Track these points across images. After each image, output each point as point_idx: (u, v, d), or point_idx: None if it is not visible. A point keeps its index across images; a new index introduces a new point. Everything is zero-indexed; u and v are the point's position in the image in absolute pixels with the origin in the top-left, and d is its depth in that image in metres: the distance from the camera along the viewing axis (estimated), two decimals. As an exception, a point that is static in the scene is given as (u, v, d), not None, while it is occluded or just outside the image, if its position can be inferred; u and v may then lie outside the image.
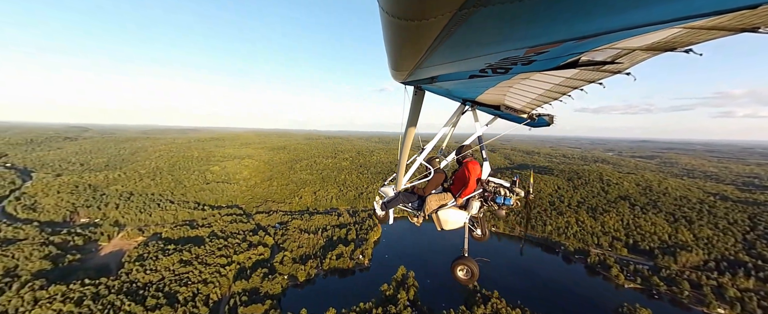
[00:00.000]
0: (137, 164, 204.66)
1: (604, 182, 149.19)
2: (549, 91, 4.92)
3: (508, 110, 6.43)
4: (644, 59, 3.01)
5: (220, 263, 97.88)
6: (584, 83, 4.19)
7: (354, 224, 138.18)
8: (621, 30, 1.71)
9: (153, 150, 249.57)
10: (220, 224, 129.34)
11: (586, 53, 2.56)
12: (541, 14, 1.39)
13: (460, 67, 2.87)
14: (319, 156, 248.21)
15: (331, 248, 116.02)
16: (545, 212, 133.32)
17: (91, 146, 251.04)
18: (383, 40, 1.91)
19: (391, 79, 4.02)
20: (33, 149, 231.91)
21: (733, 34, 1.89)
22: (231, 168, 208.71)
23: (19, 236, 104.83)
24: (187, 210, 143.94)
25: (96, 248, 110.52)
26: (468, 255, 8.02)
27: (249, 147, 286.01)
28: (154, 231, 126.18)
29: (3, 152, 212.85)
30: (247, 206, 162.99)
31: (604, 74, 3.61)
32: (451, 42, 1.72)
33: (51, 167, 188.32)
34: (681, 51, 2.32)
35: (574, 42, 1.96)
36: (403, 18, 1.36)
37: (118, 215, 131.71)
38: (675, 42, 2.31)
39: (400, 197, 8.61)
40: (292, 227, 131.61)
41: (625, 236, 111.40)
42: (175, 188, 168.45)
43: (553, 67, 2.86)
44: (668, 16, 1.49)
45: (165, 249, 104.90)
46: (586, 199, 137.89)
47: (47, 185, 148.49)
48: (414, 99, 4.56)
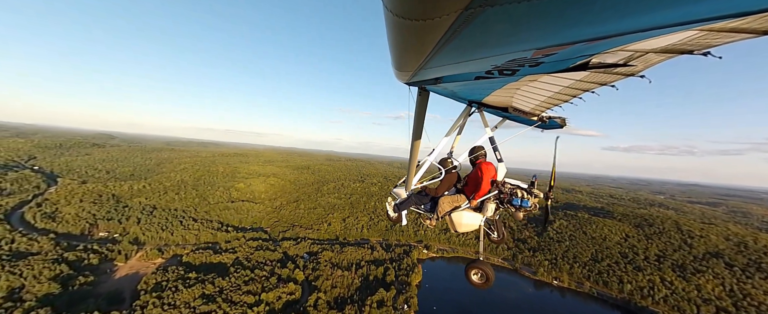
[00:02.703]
0: (162, 175, 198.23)
1: (683, 232, 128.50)
2: (558, 93, 4.74)
3: (516, 112, 6.30)
4: (659, 62, 2.80)
5: (247, 302, 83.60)
6: (595, 85, 3.93)
7: (390, 261, 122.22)
8: (634, 32, 1.64)
9: (178, 162, 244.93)
10: (245, 251, 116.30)
11: (597, 55, 2.53)
12: (549, 15, 1.31)
13: (465, 69, 2.79)
14: (346, 179, 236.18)
15: (370, 291, 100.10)
16: (618, 266, 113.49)
17: (118, 154, 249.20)
18: (387, 40, 1.85)
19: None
20: (61, 153, 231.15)
21: (756, 36, 1.79)
22: (256, 186, 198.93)
23: (32, 249, 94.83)
24: (210, 231, 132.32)
25: (111, 269, 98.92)
26: (483, 259, 8.10)
27: (272, 165, 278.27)
28: (175, 253, 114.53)
29: (32, 154, 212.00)
30: (272, 229, 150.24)
31: (616, 77, 3.38)
32: (456, 42, 1.66)
33: (77, 173, 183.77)
34: (699, 54, 2.18)
35: (585, 44, 1.87)
36: (407, 18, 1.30)
37: (139, 232, 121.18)
38: (692, 44, 2.18)
39: (412, 198, 8.41)
40: (323, 261, 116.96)
41: (734, 306, 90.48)
42: (198, 204, 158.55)
43: (562, 70, 2.81)
44: (685, 18, 1.40)
45: (185, 277, 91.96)
46: (667, 253, 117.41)
47: (71, 192, 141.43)
48: (418, 100, 4.36)
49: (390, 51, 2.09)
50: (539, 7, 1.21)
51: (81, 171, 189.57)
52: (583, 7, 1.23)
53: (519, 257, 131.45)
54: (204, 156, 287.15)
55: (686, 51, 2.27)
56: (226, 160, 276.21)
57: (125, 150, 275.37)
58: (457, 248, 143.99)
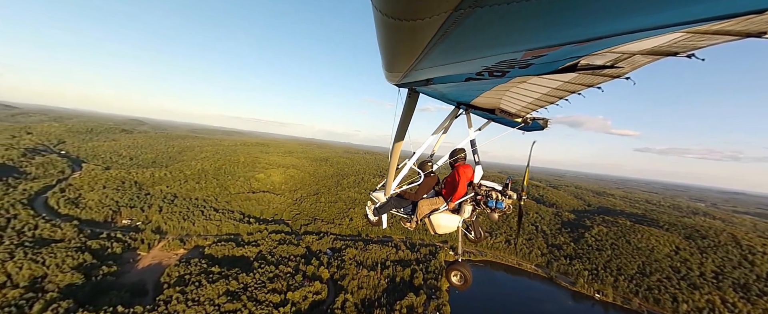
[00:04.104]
0: (183, 163, 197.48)
1: (742, 247, 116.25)
2: (546, 95, 4.74)
3: (502, 113, 6.35)
4: (645, 64, 2.88)
5: (273, 301, 78.94)
6: (582, 87, 3.99)
7: (417, 262, 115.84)
8: (622, 34, 1.67)
9: (200, 150, 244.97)
10: (268, 244, 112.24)
11: (585, 57, 2.57)
12: (539, 17, 1.32)
13: (455, 70, 2.86)
14: (365, 173, 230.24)
15: (397, 294, 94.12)
16: (670, 282, 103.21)
17: (143, 141, 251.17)
18: (377, 41, 1.81)
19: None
20: (90, 138, 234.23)
21: (738, 39, 1.84)
22: (276, 177, 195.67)
23: (55, 236, 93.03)
24: (232, 222, 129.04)
25: (134, 258, 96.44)
26: (462, 260, 8.14)
27: (292, 156, 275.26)
28: (196, 243, 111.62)
29: (62, 139, 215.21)
30: (293, 222, 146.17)
31: (603, 79, 3.45)
32: (446, 43, 1.65)
33: (102, 159, 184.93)
34: (683, 56, 2.26)
35: (573, 46, 1.91)
36: (396, 18, 1.28)
37: (161, 221, 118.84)
38: (677, 47, 2.25)
39: (391, 202, 8.44)
40: (348, 258, 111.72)
41: (814, 336, 79.71)
42: (219, 194, 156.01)
43: (552, 71, 2.88)
44: (670, 20, 1.45)
45: (209, 271, 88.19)
46: (725, 270, 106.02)
47: (94, 178, 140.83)
48: (407, 102, 4.36)
49: (380, 52, 2.05)
50: (529, 8, 1.20)
51: (106, 157, 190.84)
52: (573, 9, 1.24)
53: (554, 264, 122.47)
54: (226, 145, 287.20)
55: (671, 53, 2.33)
56: (247, 149, 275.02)
57: (151, 137, 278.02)
58: (485, 251, 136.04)
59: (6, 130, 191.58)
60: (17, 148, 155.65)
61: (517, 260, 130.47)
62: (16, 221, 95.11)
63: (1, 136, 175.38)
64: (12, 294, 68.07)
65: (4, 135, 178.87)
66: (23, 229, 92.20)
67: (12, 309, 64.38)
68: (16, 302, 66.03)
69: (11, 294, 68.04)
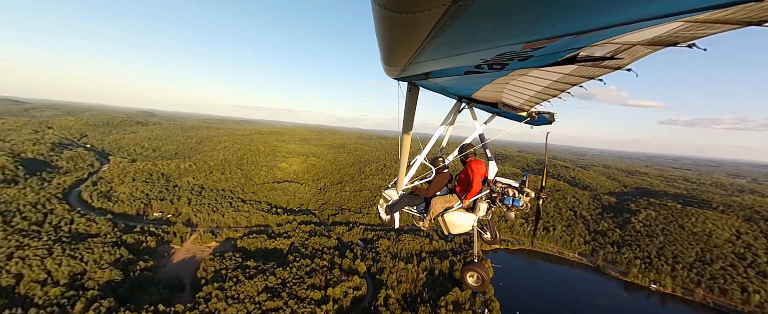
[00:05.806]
0: (205, 154, 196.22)
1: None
2: (547, 88, 4.70)
3: (505, 107, 6.26)
4: (646, 54, 2.86)
5: (314, 298, 75.53)
6: (583, 79, 3.95)
7: (452, 253, 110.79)
8: (621, 25, 1.66)
9: (217, 140, 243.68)
10: (299, 236, 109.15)
11: (585, 48, 2.57)
12: (538, 8, 1.30)
13: (455, 63, 2.84)
14: (386, 159, 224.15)
15: (439, 288, 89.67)
16: (735, 270, 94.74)
17: (161, 133, 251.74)
18: (375, 34, 1.79)
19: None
20: (109, 131, 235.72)
21: (738, 27, 1.80)
22: (297, 166, 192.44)
23: (91, 230, 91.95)
24: (261, 213, 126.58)
25: (168, 252, 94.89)
26: (478, 261, 7.92)
27: (309, 144, 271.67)
28: (227, 235, 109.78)
29: (83, 132, 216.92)
30: (321, 213, 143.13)
31: (603, 70, 3.43)
32: (445, 36, 1.63)
33: (127, 152, 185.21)
34: (683, 46, 2.23)
35: (573, 37, 1.89)
36: (395, 10, 1.26)
37: (191, 213, 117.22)
38: (677, 37, 2.23)
39: (404, 199, 8.17)
40: (382, 250, 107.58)
41: None
42: (245, 184, 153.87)
43: (551, 63, 2.87)
44: (670, 10, 1.43)
45: (244, 265, 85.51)
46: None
47: (123, 171, 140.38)
48: (408, 96, 4.34)
49: (378, 45, 2.02)
50: (528, 0, 1.21)
51: (130, 149, 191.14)
52: (572, 0, 1.24)
53: (600, 253, 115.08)
54: (241, 134, 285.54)
55: (671, 43, 2.31)
56: (264, 138, 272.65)
57: (166, 128, 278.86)
58: (522, 239, 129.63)
59: (26, 125, 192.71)
60: (43, 143, 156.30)
61: (557, 248, 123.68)
62: (53, 216, 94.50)
63: (24, 131, 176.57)
64: (53, 292, 66.75)
65: (27, 130, 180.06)
66: (60, 224, 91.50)
67: (54, 308, 62.91)
68: (58, 300, 64.61)
69: (52, 292, 66.73)
